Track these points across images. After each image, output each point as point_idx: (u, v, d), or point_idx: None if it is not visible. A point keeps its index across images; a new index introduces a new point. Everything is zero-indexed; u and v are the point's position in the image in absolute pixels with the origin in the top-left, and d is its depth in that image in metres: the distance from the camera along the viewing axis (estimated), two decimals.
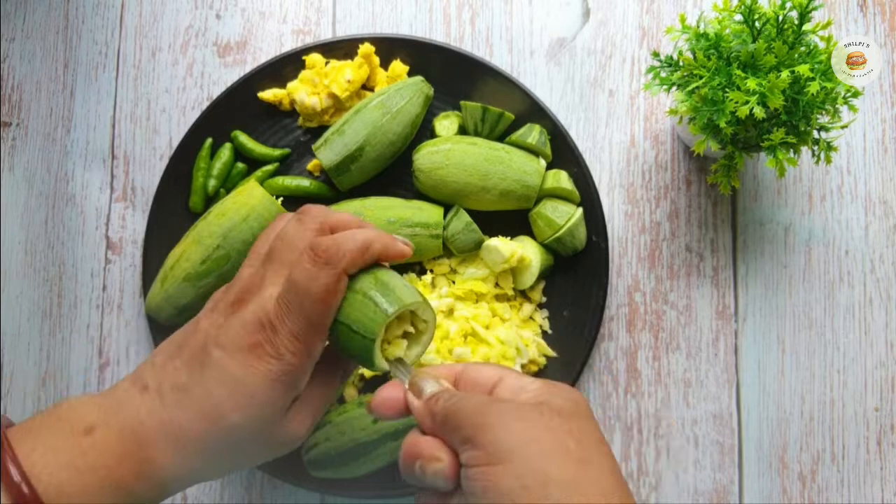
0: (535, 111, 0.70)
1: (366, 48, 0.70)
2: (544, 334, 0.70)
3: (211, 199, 0.71)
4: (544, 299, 0.71)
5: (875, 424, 0.70)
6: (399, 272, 0.65)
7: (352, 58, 0.71)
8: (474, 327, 0.67)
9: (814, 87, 0.55)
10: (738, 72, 0.57)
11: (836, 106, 0.58)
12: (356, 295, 0.44)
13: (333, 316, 0.44)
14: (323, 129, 0.72)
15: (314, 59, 0.71)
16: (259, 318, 0.43)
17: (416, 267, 0.72)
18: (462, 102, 0.70)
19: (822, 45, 0.58)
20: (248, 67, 0.74)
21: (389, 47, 0.71)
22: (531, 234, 0.71)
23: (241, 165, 0.72)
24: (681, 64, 0.60)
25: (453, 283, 0.71)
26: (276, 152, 0.72)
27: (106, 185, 0.74)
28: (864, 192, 0.72)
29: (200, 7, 0.75)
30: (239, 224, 0.66)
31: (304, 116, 0.72)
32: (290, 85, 0.71)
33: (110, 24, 0.75)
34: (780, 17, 0.57)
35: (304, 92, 0.70)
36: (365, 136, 0.67)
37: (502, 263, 0.68)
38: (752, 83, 0.55)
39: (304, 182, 0.71)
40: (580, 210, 0.69)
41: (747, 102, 0.56)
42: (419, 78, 0.70)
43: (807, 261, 0.72)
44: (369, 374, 0.69)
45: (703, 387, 0.71)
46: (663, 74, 0.61)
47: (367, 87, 0.73)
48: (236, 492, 0.70)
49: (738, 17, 0.59)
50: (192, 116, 0.73)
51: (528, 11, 0.75)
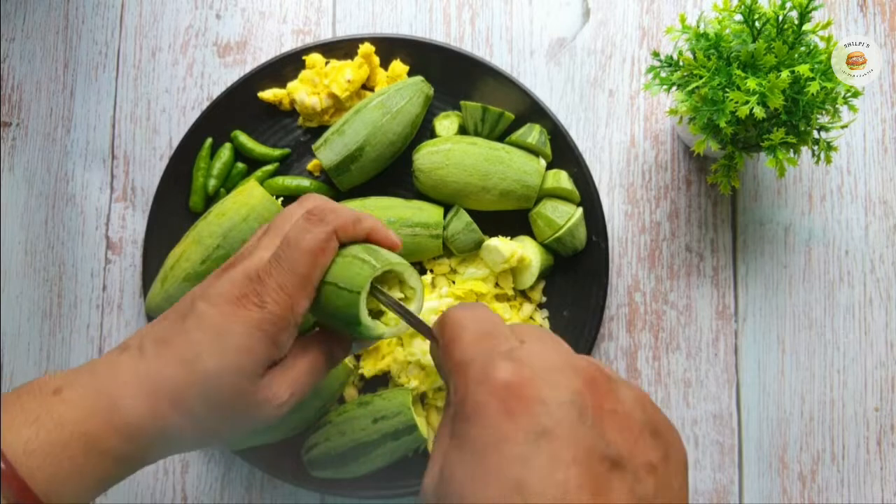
0: (535, 111, 0.70)
1: (366, 48, 0.70)
2: None
3: (211, 199, 0.71)
4: (544, 299, 0.71)
5: (875, 424, 0.70)
6: None
7: (352, 58, 0.71)
8: None
9: (814, 87, 0.55)
10: (738, 72, 0.57)
11: (836, 106, 0.58)
12: (345, 258, 0.46)
13: (321, 275, 0.45)
14: (323, 129, 0.72)
15: (314, 59, 0.71)
16: (248, 274, 0.44)
17: (416, 267, 0.72)
18: (462, 102, 0.70)
19: (822, 45, 0.58)
20: (248, 67, 0.74)
21: (389, 47, 0.71)
22: (531, 234, 0.71)
23: (241, 165, 0.72)
24: (681, 64, 0.60)
25: (453, 283, 0.71)
26: (276, 152, 0.72)
27: (106, 185, 0.74)
28: (864, 192, 0.72)
29: (200, 7, 0.75)
30: (239, 224, 0.66)
31: (304, 116, 0.72)
32: (290, 85, 0.71)
33: (110, 24, 0.76)
34: (780, 17, 0.57)
35: (304, 92, 0.70)
36: (365, 136, 0.67)
37: (502, 263, 0.68)
38: (752, 83, 0.55)
39: (304, 182, 0.71)
40: (580, 210, 0.69)
41: (747, 102, 0.56)
42: (419, 78, 0.70)
43: (807, 261, 0.72)
44: (369, 374, 0.69)
45: (703, 387, 0.71)
46: (663, 74, 0.61)
47: (367, 87, 0.73)
48: (236, 492, 0.70)
49: (738, 17, 0.59)
50: (192, 116, 0.73)
51: (528, 11, 0.75)
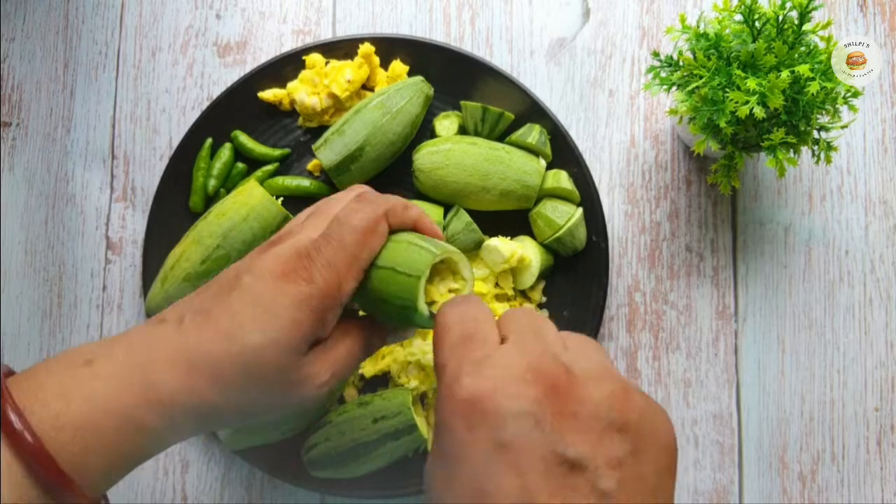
0: (535, 111, 0.70)
1: (366, 48, 0.70)
2: None
3: (211, 199, 0.71)
4: (544, 299, 0.71)
5: (875, 424, 0.70)
6: None
7: (352, 58, 0.71)
8: None
9: (814, 87, 0.55)
10: (738, 72, 0.57)
11: (836, 106, 0.58)
12: (399, 244, 0.45)
13: (370, 257, 0.44)
14: (323, 129, 0.72)
15: (314, 59, 0.71)
16: (296, 250, 0.43)
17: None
18: (462, 102, 0.70)
19: (822, 45, 0.58)
20: (248, 67, 0.74)
21: (389, 47, 0.71)
22: (531, 234, 0.71)
23: (241, 165, 0.72)
24: (681, 64, 0.60)
25: None
26: (276, 152, 0.72)
27: (106, 185, 0.74)
28: (864, 192, 0.72)
29: (200, 7, 0.75)
30: (239, 224, 0.66)
31: (304, 116, 0.72)
32: (290, 85, 0.71)
33: (110, 24, 0.76)
34: (780, 17, 0.57)
35: (304, 92, 0.70)
36: (365, 136, 0.67)
37: (502, 263, 0.68)
38: (752, 83, 0.55)
39: (305, 182, 0.71)
40: (580, 210, 0.69)
41: (747, 102, 0.56)
42: (419, 78, 0.70)
43: (807, 261, 0.72)
44: (369, 374, 0.69)
45: (703, 387, 0.71)
46: (663, 74, 0.61)
47: (367, 87, 0.73)
48: (236, 492, 0.70)
49: (738, 17, 0.59)
50: (192, 116, 0.73)
51: (528, 11, 0.75)
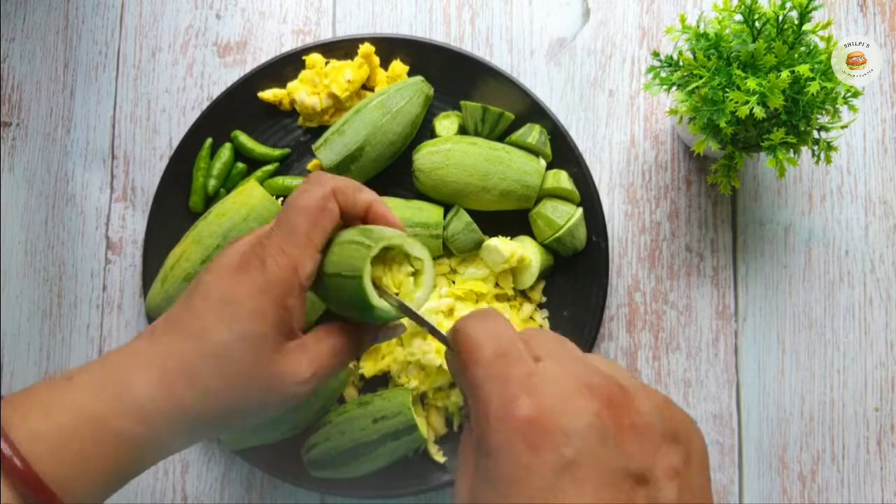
0: (535, 111, 0.70)
1: (366, 48, 0.70)
2: None
3: (211, 199, 0.71)
4: (544, 299, 0.71)
5: (875, 424, 0.70)
6: None
7: (352, 58, 0.71)
8: None
9: (814, 87, 0.55)
10: (738, 72, 0.57)
11: (836, 106, 0.58)
12: (342, 245, 0.44)
13: (323, 237, 0.44)
14: (323, 129, 0.72)
15: (314, 59, 0.71)
16: (251, 242, 0.44)
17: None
18: (462, 102, 0.70)
19: (822, 45, 0.58)
20: (248, 67, 0.74)
21: (389, 47, 0.71)
22: (531, 234, 0.71)
23: (241, 165, 0.72)
24: (681, 64, 0.60)
25: (453, 283, 0.71)
26: (276, 152, 0.72)
27: (106, 185, 0.74)
28: (864, 192, 0.72)
29: (200, 7, 0.75)
30: (239, 224, 0.66)
31: (304, 116, 0.72)
32: (290, 85, 0.71)
33: (110, 24, 0.75)
34: (780, 17, 0.57)
35: (304, 92, 0.70)
36: (365, 136, 0.67)
37: (502, 263, 0.68)
38: (752, 83, 0.55)
39: None
40: (580, 210, 0.69)
41: (747, 102, 0.56)
42: (419, 78, 0.70)
43: (807, 261, 0.72)
44: (369, 374, 0.69)
45: (703, 387, 0.71)
46: (663, 74, 0.61)
47: (367, 87, 0.73)
48: (236, 492, 0.70)
49: (738, 17, 0.59)
50: (192, 116, 0.73)
51: (528, 11, 0.75)
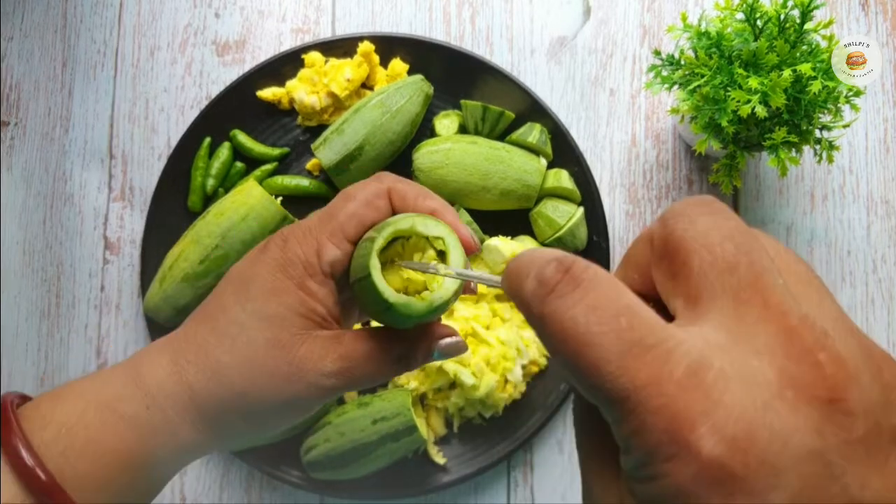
0: (535, 110, 0.70)
1: (365, 47, 0.70)
2: None
3: (209, 199, 0.71)
4: None
5: None
6: None
7: (351, 56, 0.71)
8: (475, 328, 0.67)
9: (816, 86, 0.55)
10: (740, 70, 0.56)
11: (838, 105, 0.58)
12: (357, 247, 0.40)
13: (359, 229, 0.39)
14: (322, 128, 0.72)
15: (313, 57, 0.71)
16: (283, 230, 0.41)
17: None
18: (462, 101, 0.70)
19: (823, 44, 0.58)
20: (247, 66, 0.74)
21: (389, 46, 0.71)
22: (532, 234, 0.70)
23: (239, 165, 0.71)
24: (682, 63, 0.60)
25: None
26: (275, 151, 0.71)
27: (104, 185, 0.73)
28: (865, 192, 0.72)
29: (199, 6, 0.75)
30: (238, 224, 0.65)
31: (303, 115, 0.72)
32: (290, 84, 0.71)
33: (109, 23, 0.75)
34: (782, 16, 0.57)
35: (303, 91, 0.70)
36: (364, 135, 0.67)
37: (503, 263, 0.67)
38: (753, 82, 0.55)
39: (304, 181, 0.71)
40: (581, 210, 0.69)
41: (749, 101, 0.55)
42: (419, 77, 0.70)
43: (809, 261, 0.72)
44: None
45: None
46: (665, 73, 0.61)
47: (366, 85, 0.72)
48: (236, 493, 0.70)
49: (740, 16, 0.59)
50: (191, 116, 0.73)
51: (529, 10, 0.74)
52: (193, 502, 0.70)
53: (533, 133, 0.69)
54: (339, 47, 0.71)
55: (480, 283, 0.34)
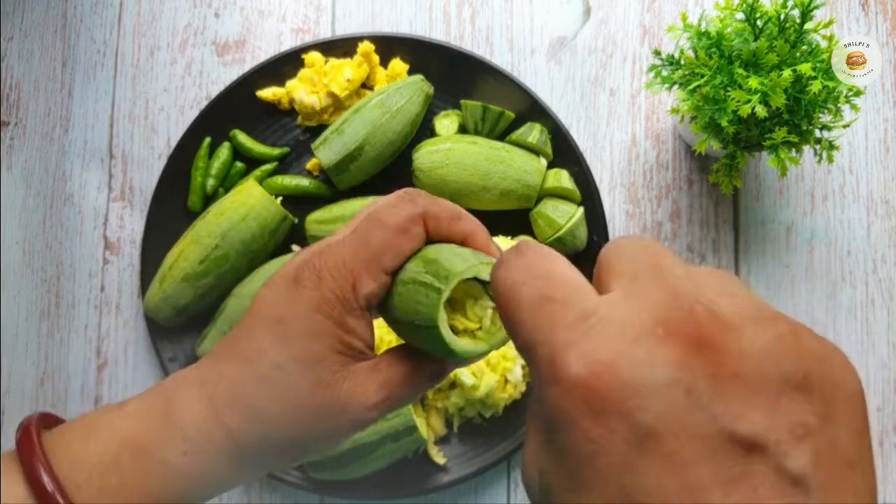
0: (535, 110, 0.70)
1: (365, 46, 0.70)
2: None
3: (209, 199, 0.71)
4: None
5: (877, 425, 0.70)
6: None
7: (351, 56, 0.71)
8: None
9: (816, 86, 0.55)
10: (740, 70, 0.56)
11: (838, 105, 0.58)
12: (406, 286, 0.38)
13: (396, 260, 0.38)
14: (322, 128, 0.72)
15: (313, 57, 0.71)
16: (312, 251, 0.39)
17: None
18: (462, 101, 0.70)
19: (823, 44, 0.58)
20: (247, 66, 0.74)
21: (389, 46, 0.71)
22: (532, 234, 0.70)
23: (239, 165, 0.71)
24: (682, 62, 0.60)
25: None
26: (275, 151, 0.71)
27: (104, 185, 0.73)
28: (866, 192, 0.72)
29: (199, 6, 0.75)
30: (238, 224, 0.65)
31: (303, 115, 0.72)
32: (289, 84, 0.71)
33: (109, 23, 0.75)
34: (782, 16, 0.57)
35: (303, 91, 0.70)
36: (364, 135, 0.67)
37: None
38: (753, 82, 0.55)
39: (304, 181, 0.71)
40: (581, 210, 0.69)
41: (749, 101, 0.55)
42: (419, 77, 0.70)
43: (809, 261, 0.72)
44: None
45: None
46: (665, 73, 0.61)
47: (366, 85, 0.72)
48: (236, 492, 0.70)
49: (740, 16, 0.59)
50: (191, 115, 0.73)
51: (529, 10, 0.74)
52: None
53: (533, 133, 0.68)
54: (339, 47, 0.71)
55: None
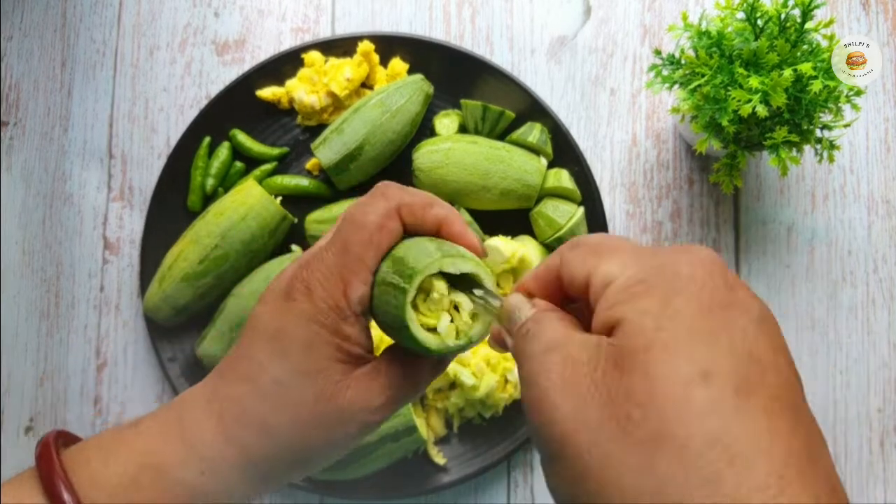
0: (535, 110, 0.69)
1: (365, 46, 0.70)
2: None
3: (209, 199, 0.71)
4: None
5: (878, 425, 0.69)
6: None
7: (351, 56, 0.71)
8: None
9: (816, 86, 0.55)
10: (741, 70, 0.56)
11: (839, 104, 0.58)
12: (380, 287, 0.38)
13: (378, 257, 0.38)
14: (322, 127, 0.72)
15: (313, 57, 0.70)
16: (299, 263, 0.40)
17: None
18: (462, 101, 0.70)
19: (824, 43, 0.58)
20: (247, 66, 0.74)
21: (389, 45, 0.71)
22: (532, 234, 0.70)
23: (239, 164, 0.71)
24: (683, 62, 0.60)
25: None
26: (275, 151, 0.71)
27: (103, 185, 0.73)
28: (866, 192, 0.72)
29: (199, 5, 0.75)
30: (237, 223, 0.65)
31: (302, 115, 0.72)
32: (289, 83, 0.71)
33: (108, 23, 0.75)
34: (783, 15, 0.57)
35: (302, 90, 0.70)
36: (364, 134, 0.67)
37: (503, 263, 0.67)
38: (754, 81, 0.55)
39: (303, 181, 0.71)
40: (581, 209, 0.68)
41: (750, 101, 0.55)
42: (419, 76, 0.70)
43: (809, 261, 0.71)
44: None
45: None
46: (665, 73, 0.61)
47: (366, 85, 0.72)
48: None
49: (741, 15, 0.59)
50: (191, 115, 0.73)
51: (529, 9, 0.74)
52: None
53: (533, 133, 0.68)
54: (339, 47, 0.71)
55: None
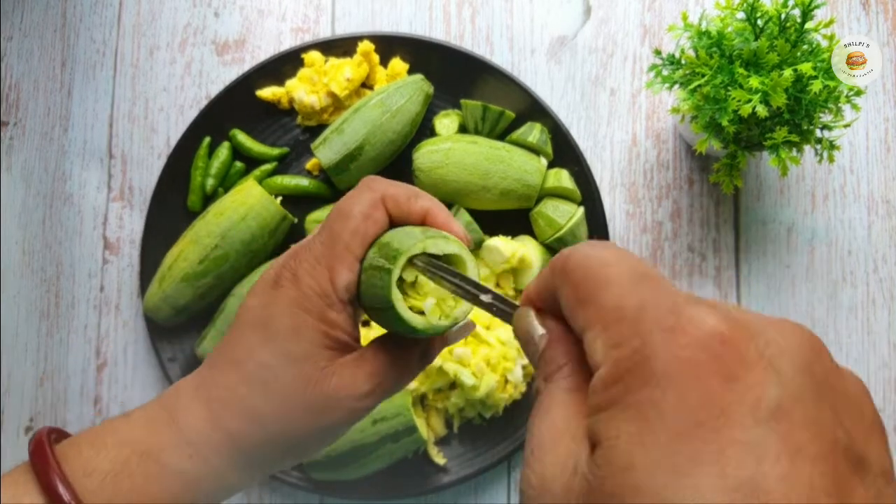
0: (535, 110, 0.69)
1: (365, 46, 0.70)
2: None
3: (209, 199, 0.71)
4: None
5: None
6: None
7: (351, 56, 0.71)
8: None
9: (816, 86, 0.55)
10: (741, 70, 0.56)
11: (839, 105, 0.58)
12: (366, 273, 0.39)
13: (364, 245, 0.39)
14: (322, 127, 0.72)
15: (313, 57, 0.70)
16: (288, 254, 0.41)
17: None
18: (462, 101, 0.70)
19: (824, 43, 0.57)
20: (247, 66, 0.74)
21: (389, 45, 0.71)
22: (532, 234, 0.70)
23: (239, 164, 0.71)
24: (683, 62, 0.60)
25: None
26: (275, 151, 0.71)
27: (103, 185, 0.73)
28: (866, 192, 0.72)
29: (199, 5, 0.75)
30: (237, 223, 0.65)
31: (302, 115, 0.72)
32: (289, 83, 0.71)
33: (108, 23, 0.75)
34: (783, 15, 0.57)
35: (302, 90, 0.70)
36: (364, 134, 0.67)
37: (503, 263, 0.67)
38: (754, 81, 0.55)
39: (303, 181, 0.71)
40: (581, 209, 0.68)
41: (750, 101, 0.55)
42: (419, 76, 0.70)
43: (809, 261, 0.71)
44: None
45: None
46: (665, 73, 0.61)
47: (366, 85, 0.72)
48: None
49: (741, 15, 0.59)
50: (191, 115, 0.73)
51: (529, 9, 0.74)
52: None
53: (533, 133, 0.68)
54: (339, 47, 0.71)
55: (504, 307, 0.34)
